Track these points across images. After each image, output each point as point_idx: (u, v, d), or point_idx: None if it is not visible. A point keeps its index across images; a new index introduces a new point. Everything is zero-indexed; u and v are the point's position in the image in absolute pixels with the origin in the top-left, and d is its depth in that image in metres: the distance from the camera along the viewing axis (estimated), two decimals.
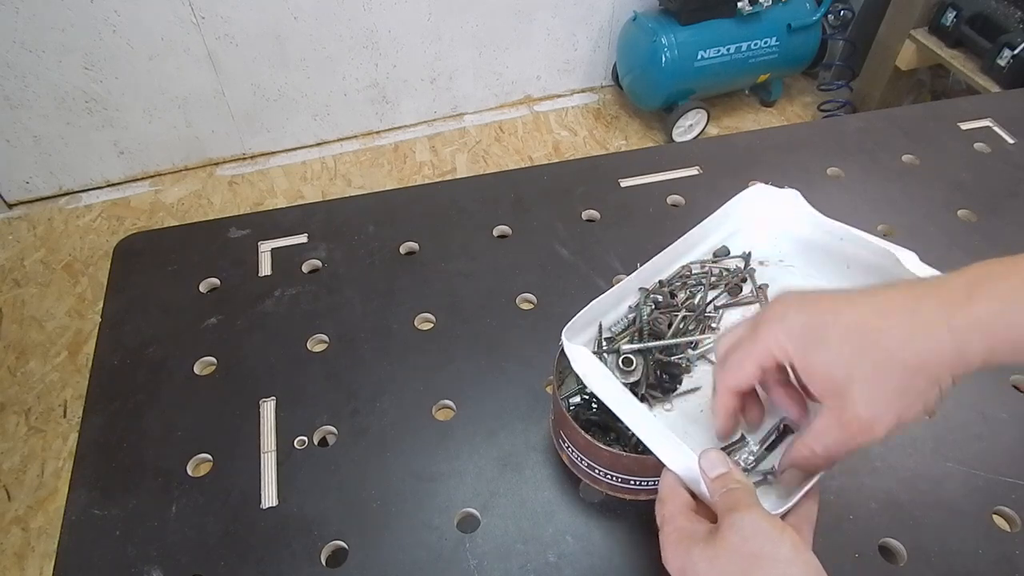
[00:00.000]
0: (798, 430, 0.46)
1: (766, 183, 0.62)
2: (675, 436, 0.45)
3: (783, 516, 0.42)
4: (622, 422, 0.48)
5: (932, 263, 0.52)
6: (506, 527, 0.56)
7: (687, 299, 0.59)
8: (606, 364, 0.53)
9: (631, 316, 0.57)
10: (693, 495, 0.44)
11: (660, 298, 0.58)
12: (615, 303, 0.57)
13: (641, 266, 0.57)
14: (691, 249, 0.61)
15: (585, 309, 0.53)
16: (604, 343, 0.56)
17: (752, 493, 0.41)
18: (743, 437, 0.49)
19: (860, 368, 0.37)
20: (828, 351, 0.38)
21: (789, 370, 0.42)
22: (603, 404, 0.48)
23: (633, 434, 0.52)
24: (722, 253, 0.62)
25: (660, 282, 0.59)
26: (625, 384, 0.51)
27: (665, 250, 0.58)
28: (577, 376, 0.50)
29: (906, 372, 0.36)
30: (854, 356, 0.37)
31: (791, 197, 0.60)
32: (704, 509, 0.44)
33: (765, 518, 0.39)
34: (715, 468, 0.42)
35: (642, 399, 0.53)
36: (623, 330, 0.57)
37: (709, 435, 0.50)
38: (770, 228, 0.62)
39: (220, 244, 0.78)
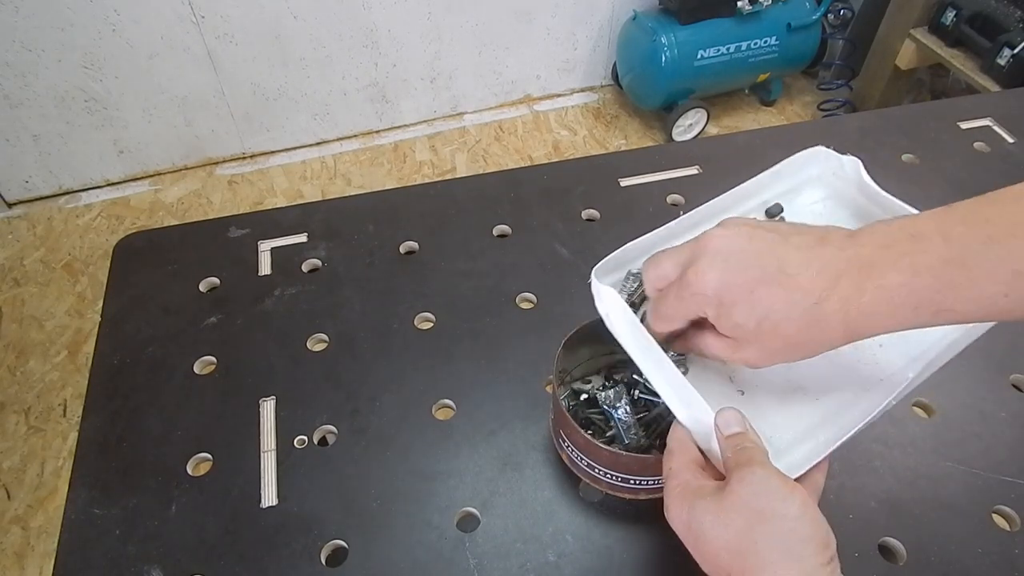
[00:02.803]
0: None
1: (828, 147, 0.59)
2: (693, 390, 0.44)
3: None
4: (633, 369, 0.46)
5: None
6: (506, 526, 0.56)
7: None
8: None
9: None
10: (703, 455, 0.44)
11: None
12: (649, 248, 0.53)
13: (683, 215, 0.54)
14: (739, 203, 0.58)
15: (619, 250, 0.51)
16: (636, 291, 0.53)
17: (765, 453, 0.41)
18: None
19: (757, 340, 0.42)
20: (734, 325, 0.42)
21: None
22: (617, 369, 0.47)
23: (633, 434, 0.52)
24: (775, 211, 0.58)
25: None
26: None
27: (710, 202, 0.55)
28: (577, 376, 0.50)
29: (796, 348, 0.42)
30: (755, 334, 0.42)
31: (852, 165, 0.57)
32: (712, 469, 0.43)
33: (776, 475, 0.39)
34: (730, 426, 0.42)
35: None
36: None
37: (724, 397, 0.49)
38: (824, 192, 0.59)
39: (220, 243, 0.78)
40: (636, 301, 0.52)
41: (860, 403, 0.47)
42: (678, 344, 0.49)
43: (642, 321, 0.51)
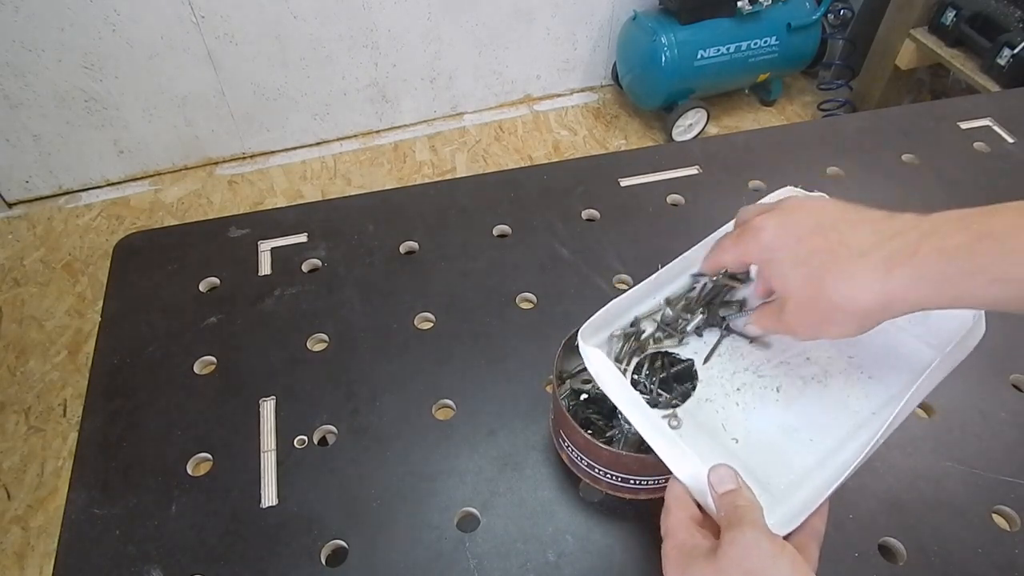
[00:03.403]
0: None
1: (796, 186, 0.58)
2: (685, 445, 0.44)
3: (790, 533, 0.42)
4: (626, 422, 0.47)
5: None
6: (506, 526, 0.56)
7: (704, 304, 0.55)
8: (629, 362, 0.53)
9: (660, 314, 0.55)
10: (700, 508, 0.44)
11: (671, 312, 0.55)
12: (630, 305, 0.55)
13: (661, 268, 0.54)
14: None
15: (602, 310, 0.52)
16: (631, 338, 0.54)
17: (758, 511, 0.41)
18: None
19: (800, 294, 0.43)
20: (776, 273, 0.44)
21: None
22: (609, 403, 0.48)
23: (631, 433, 0.52)
24: (743, 278, 0.56)
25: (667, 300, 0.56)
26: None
27: (687, 252, 0.55)
28: (577, 376, 0.50)
29: (836, 311, 0.41)
30: (794, 282, 0.43)
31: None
32: (710, 523, 0.43)
33: (766, 536, 0.39)
34: (724, 484, 0.42)
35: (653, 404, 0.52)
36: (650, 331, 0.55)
37: (718, 445, 0.49)
38: None
39: (220, 243, 0.78)
40: (622, 357, 0.53)
41: (854, 441, 0.47)
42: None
43: (635, 374, 0.53)
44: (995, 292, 0.37)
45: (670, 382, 0.53)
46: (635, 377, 0.53)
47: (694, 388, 0.52)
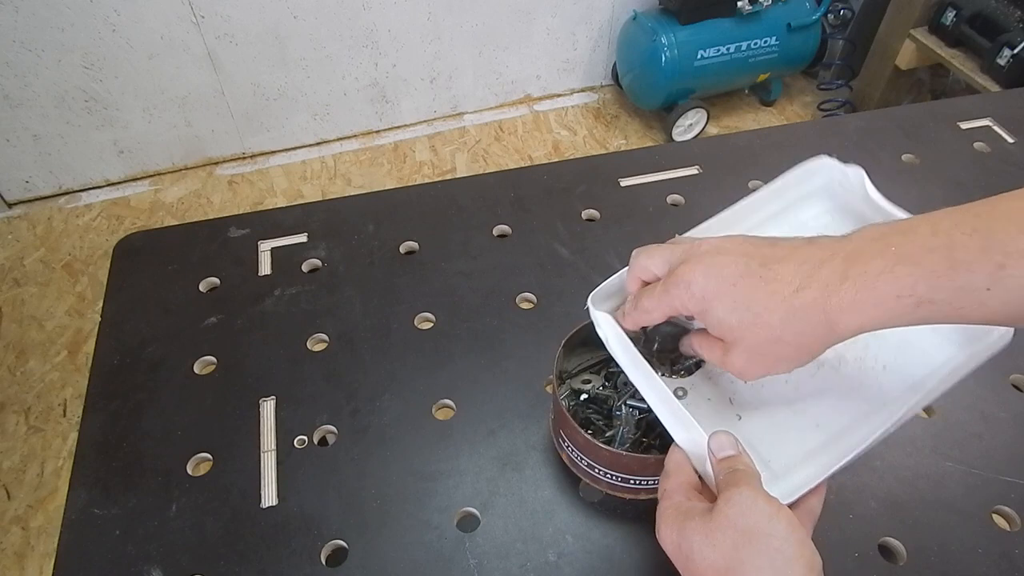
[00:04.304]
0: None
1: (830, 155, 0.56)
2: (688, 414, 0.44)
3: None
4: (622, 413, 0.47)
5: None
6: (506, 526, 0.56)
7: None
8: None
9: None
10: (700, 478, 0.44)
11: None
12: None
13: (678, 237, 0.53)
14: (742, 219, 0.56)
15: (614, 277, 0.51)
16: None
17: (756, 475, 0.41)
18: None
19: (742, 338, 0.42)
20: (718, 322, 0.42)
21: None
22: (611, 388, 0.47)
23: (631, 433, 0.52)
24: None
25: None
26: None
27: (709, 221, 0.54)
28: (576, 376, 0.50)
29: (781, 344, 0.41)
30: (739, 328, 0.42)
31: (856, 175, 0.54)
32: (708, 492, 0.44)
33: (763, 496, 0.39)
34: (723, 450, 0.42)
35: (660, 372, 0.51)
36: None
37: (721, 421, 0.49)
38: (828, 204, 0.57)
39: (220, 243, 0.78)
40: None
41: (861, 428, 0.46)
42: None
43: (644, 342, 0.52)
44: (923, 314, 0.37)
45: (678, 357, 0.53)
46: (643, 350, 0.53)
47: (702, 362, 0.52)
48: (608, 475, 0.51)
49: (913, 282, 0.36)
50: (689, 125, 2.27)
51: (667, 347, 0.54)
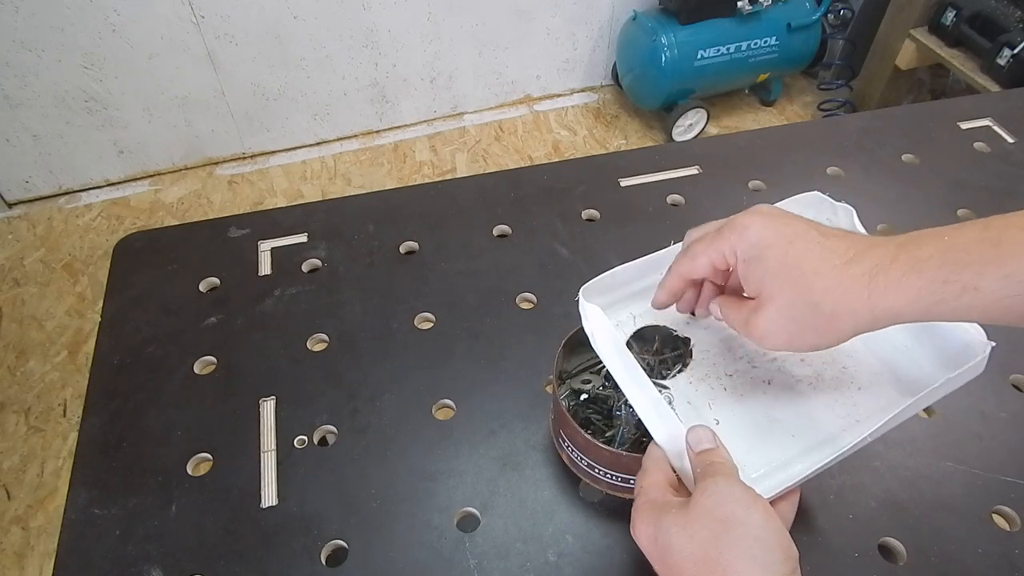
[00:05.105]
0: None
1: (824, 193, 0.57)
2: (668, 408, 0.45)
3: None
4: (618, 408, 0.47)
5: None
6: (506, 526, 0.56)
7: None
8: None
9: None
10: (678, 477, 0.44)
11: None
12: (639, 272, 0.55)
13: (673, 244, 0.54)
14: None
15: (608, 273, 0.51)
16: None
17: (733, 467, 0.41)
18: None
19: (781, 295, 0.42)
20: (764, 272, 0.43)
21: (733, 269, 0.46)
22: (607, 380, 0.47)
23: (631, 433, 0.52)
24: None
25: None
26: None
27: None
28: (576, 374, 0.50)
29: (815, 313, 0.41)
30: (782, 284, 0.42)
31: (846, 214, 0.56)
32: (684, 491, 0.44)
33: (739, 486, 0.39)
34: (701, 443, 0.43)
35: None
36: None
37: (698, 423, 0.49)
38: None
39: (220, 243, 0.78)
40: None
41: (836, 442, 0.47)
42: (687, 303, 0.51)
43: (628, 346, 0.52)
44: (967, 301, 0.37)
45: (666, 359, 0.54)
46: (630, 344, 0.53)
47: (686, 365, 0.53)
48: (608, 475, 0.51)
49: (960, 269, 0.37)
50: (689, 125, 2.27)
51: (650, 350, 0.54)
